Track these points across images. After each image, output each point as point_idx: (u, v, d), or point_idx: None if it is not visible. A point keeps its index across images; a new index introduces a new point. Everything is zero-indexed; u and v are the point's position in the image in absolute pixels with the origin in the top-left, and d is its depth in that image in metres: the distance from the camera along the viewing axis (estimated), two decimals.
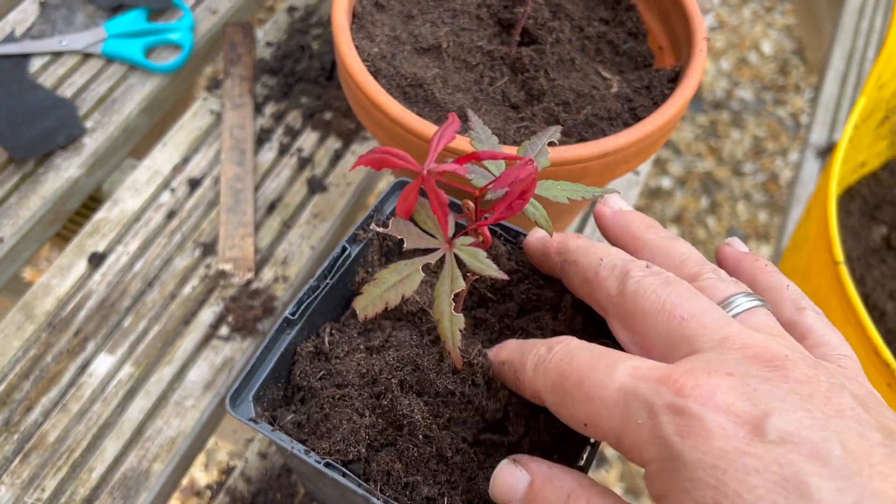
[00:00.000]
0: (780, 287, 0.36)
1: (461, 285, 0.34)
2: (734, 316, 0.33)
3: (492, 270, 0.34)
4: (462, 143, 0.45)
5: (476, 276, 0.39)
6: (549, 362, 0.33)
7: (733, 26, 2.10)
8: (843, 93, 1.00)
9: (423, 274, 0.35)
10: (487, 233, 0.36)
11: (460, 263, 0.35)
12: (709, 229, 1.69)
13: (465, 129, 0.49)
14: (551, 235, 0.38)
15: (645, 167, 0.73)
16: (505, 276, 0.34)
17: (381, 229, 0.36)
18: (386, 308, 0.34)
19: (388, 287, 0.35)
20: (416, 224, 0.36)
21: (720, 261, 0.40)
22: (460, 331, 0.34)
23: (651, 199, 1.70)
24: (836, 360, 0.32)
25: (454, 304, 0.34)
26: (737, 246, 0.39)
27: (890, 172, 0.90)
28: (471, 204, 0.36)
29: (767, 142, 1.87)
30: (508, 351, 0.37)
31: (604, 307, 0.36)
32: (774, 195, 1.77)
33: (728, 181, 1.78)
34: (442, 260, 0.35)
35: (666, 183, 1.76)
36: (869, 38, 1.06)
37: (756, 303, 0.34)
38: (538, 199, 0.38)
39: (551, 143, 0.42)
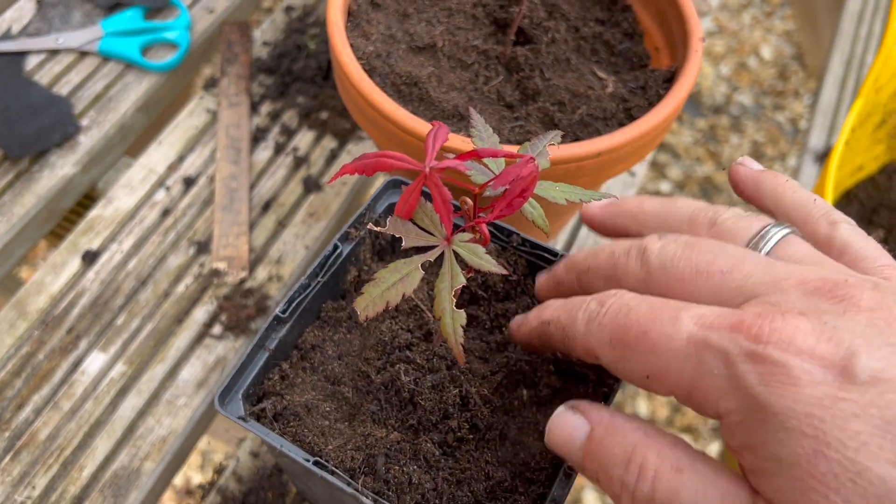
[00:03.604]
0: (807, 203, 0.34)
1: (462, 281, 0.34)
2: (767, 252, 0.31)
3: (491, 266, 0.34)
4: (457, 143, 0.45)
5: (471, 274, 0.38)
6: (603, 317, 0.31)
7: (733, 31, 2.10)
8: (842, 98, 1.00)
9: (424, 272, 0.34)
10: (486, 230, 0.36)
11: (459, 260, 0.35)
12: None
13: (465, 126, 0.48)
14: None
15: (642, 170, 0.73)
16: (504, 271, 0.33)
17: (378, 228, 0.36)
18: (387, 307, 0.34)
19: (388, 286, 0.34)
20: (413, 223, 0.36)
21: (736, 184, 0.37)
22: (462, 327, 0.34)
23: None
24: (879, 272, 0.31)
25: (454, 300, 0.34)
26: (749, 164, 0.37)
27: (887, 176, 0.90)
28: (469, 201, 0.36)
29: (766, 147, 1.87)
30: (553, 310, 0.35)
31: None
32: None
33: (727, 186, 1.78)
34: (440, 257, 0.35)
35: (665, 187, 1.76)
36: (868, 43, 1.06)
37: (785, 231, 0.32)
38: (536, 198, 0.38)
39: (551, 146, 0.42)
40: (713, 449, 1.30)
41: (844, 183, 0.87)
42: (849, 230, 0.33)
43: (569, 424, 0.32)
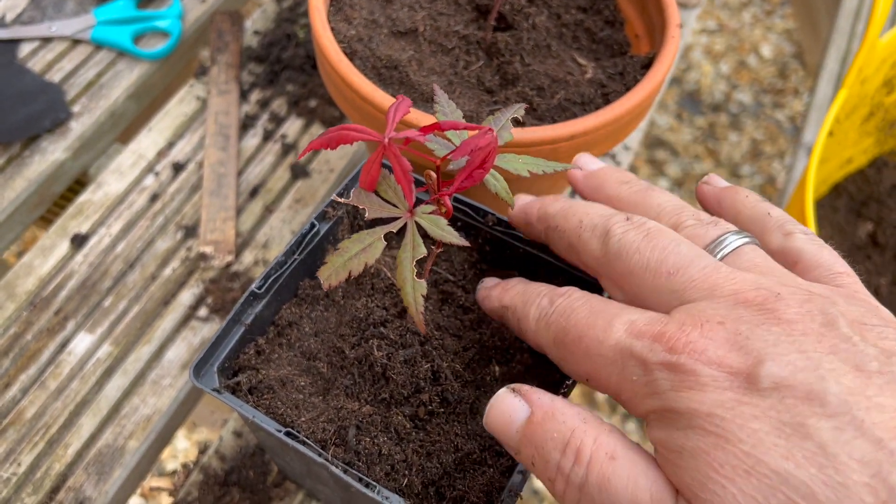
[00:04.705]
0: (762, 216, 0.35)
1: (423, 252, 0.34)
2: (722, 258, 0.33)
3: (452, 237, 0.34)
4: (422, 118, 0.45)
5: (441, 248, 0.39)
6: (550, 316, 0.34)
7: (733, 29, 2.10)
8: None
9: (386, 243, 0.35)
10: (448, 202, 0.36)
11: (423, 233, 0.35)
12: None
13: (432, 104, 0.49)
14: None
15: (642, 168, 0.74)
16: (465, 243, 0.34)
17: (342, 200, 0.36)
18: (349, 276, 0.35)
19: (350, 256, 0.35)
20: (378, 195, 0.37)
21: (701, 201, 0.39)
22: (423, 296, 0.35)
23: None
24: (832, 279, 0.32)
25: (416, 270, 0.35)
26: (714, 182, 0.39)
27: (877, 169, 0.90)
28: (432, 174, 0.36)
29: (765, 144, 1.87)
30: (511, 296, 0.37)
31: (593, 269, 0.36)
32: (772, 198, 1.76)
33: None
34: (404, 229, 0.35)
35: (663, 184, 1.76)
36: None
37: (743, 240, 0.33)
38: (500, 171, 0.39)
39: (516, 121, 0.43)
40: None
41: (834, 176, 0.87)
42: (803, 239, 0.34)
43: (508, 407, 0.32)
